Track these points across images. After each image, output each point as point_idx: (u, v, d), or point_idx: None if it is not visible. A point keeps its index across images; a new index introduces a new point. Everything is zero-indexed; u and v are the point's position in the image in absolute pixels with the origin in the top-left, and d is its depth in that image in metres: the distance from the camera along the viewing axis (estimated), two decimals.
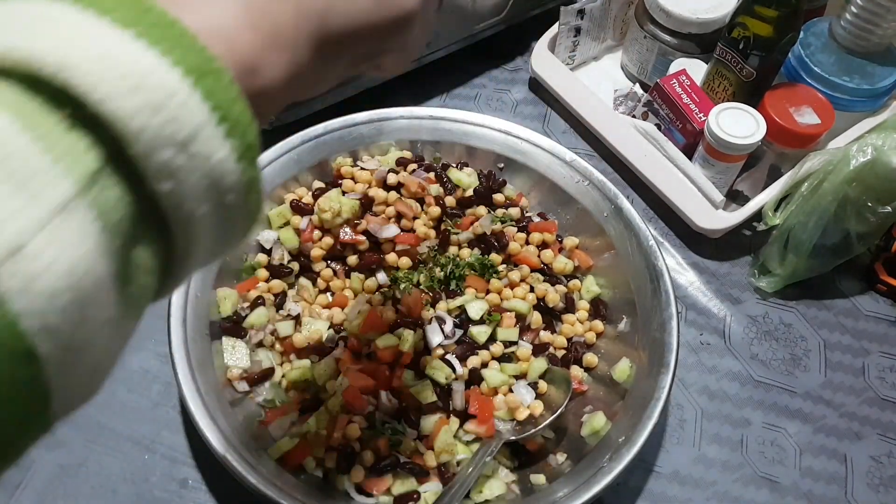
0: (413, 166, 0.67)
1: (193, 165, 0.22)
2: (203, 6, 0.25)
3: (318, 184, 0.66)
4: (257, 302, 0.60)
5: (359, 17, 0.30)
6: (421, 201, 0.65)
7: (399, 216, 0.64)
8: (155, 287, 0.24)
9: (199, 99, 0.22)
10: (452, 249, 0.64)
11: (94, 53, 0.21)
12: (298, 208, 0.63)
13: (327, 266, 0.63)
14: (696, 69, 0.73)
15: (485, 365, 0.58)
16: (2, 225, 0.19)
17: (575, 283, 0.64)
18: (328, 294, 0.63)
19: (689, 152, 0.70)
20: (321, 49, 0.29)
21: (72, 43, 0.21)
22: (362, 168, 0.66)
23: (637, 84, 0.80)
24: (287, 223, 0.64)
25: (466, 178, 0.67)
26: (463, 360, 0.58)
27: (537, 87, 0.81)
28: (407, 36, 0.33)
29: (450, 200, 0.66)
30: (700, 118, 0.68)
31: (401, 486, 0.53)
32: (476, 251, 0.64)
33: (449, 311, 0.60)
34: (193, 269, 0.26)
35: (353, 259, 0.63)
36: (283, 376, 0.58)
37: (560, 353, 0.61)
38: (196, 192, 0.23)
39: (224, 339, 0.59)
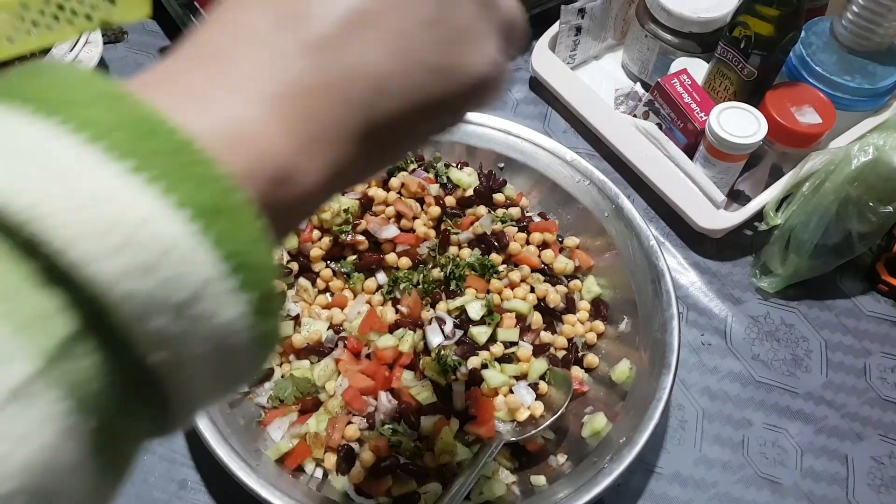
0: (413, 166, 0.67)
1: (194, 330, 0.18)
2: (226, 99, 0.21)
3: None
4: None
5: (415, 97, 0.24)
6: (421, 201, 0.65)
7: (399, 216, 0.64)
8: (144, 443, 0.21)
9: (206, 249, 0.18)
10: (452, 249, 0.64)
11: (75, 198, 0.17)
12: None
13: (327, 266, 0.63)
14: (698, 68, 0.72)
15: (485, 366, 0.58)
16: None
17: (575, 283, 0.64)
18: (328, 294, 0.63)
19: (690, 152, 0.70)
20: (371, 140, 0.23)
21: (49, 181, 0.17)
22: None
23: (638, 83, 0.79)
24: None
25: (466, 178, 0.67)
26: (463, 360, 0.58)
27: (538, 87, 0.81)
28: (483, 102, 0.27)
29: (450, 200, 0.65)
30: (701, 118, 0.68)
31: (400, 488, 0.53)
32: (476, 251, 0.64)
33: (449, 312, 0.59)
34: (192, 416, 0.22)
35: (352, 259, 0.63)
36: (282, 376, 0.58)
37: (560, 354, 0.61)
38: (196, 359, 0.19)
39: None
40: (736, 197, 0.72)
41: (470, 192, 0.66)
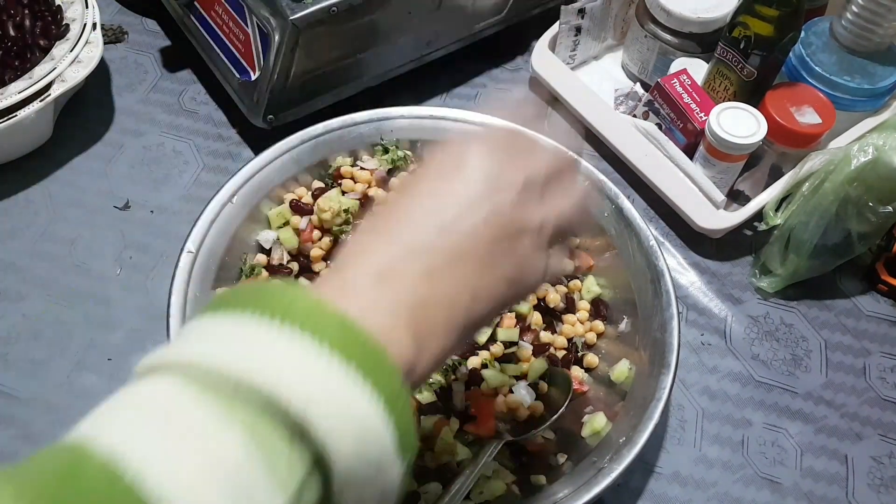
0: (413, 166, 0.67)
1: (373, 482, 0.26)
2: (378, 313, 0.29)
3: (317, 184, 0.66)
4: None
5: (498, 301, 0.35)
6: None
7: None
8: None
9: (390, 427, 0.26)
10: None
11: (330, 400, 0.25)
12: (298, 208, 0.63)
13: (327, 266, 0.63)
14: (697, 68, 0.72)
15: (485, 365, 0.58)
16: None
17: (575, 283, 0.64)
18: None
19: (689, 152, 0.70)
20: (466, 331, 0.33)
21: (309, 380, 0.25)
22: (362, 168, 0.66)
23: (638, 83, 0.80)
24: (286, 223, 0.63)
25: None
26: (463, 360, 0.58)
27: (538, 87, 0.81)
28: (542, 283, 0.38)
29: None
30: (701, 118, 0.68)
31: None
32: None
33: None
34: None
35: None
36: None
37: (560, 354, 0.61)
38: (368, 497, 0.27)
39: None
40: (736, 197, 0.72)
41: None
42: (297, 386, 0.24)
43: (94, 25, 0.71)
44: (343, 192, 0.64)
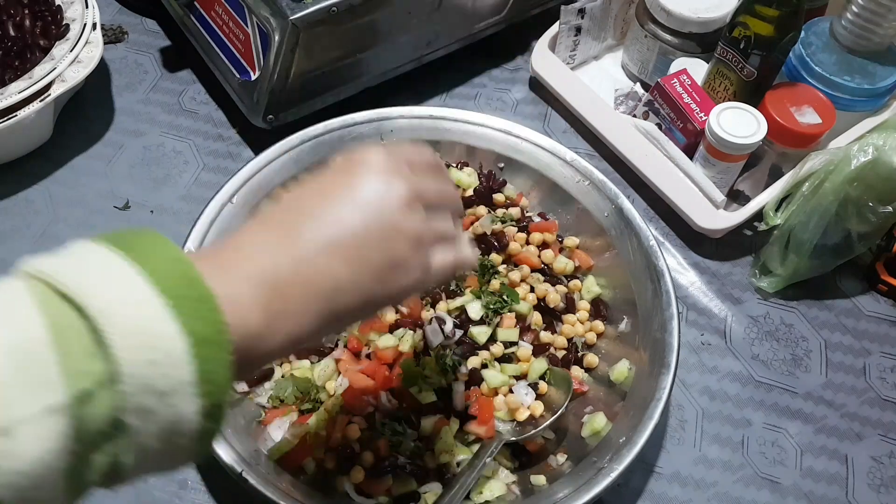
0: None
1: (161, 411, 0.28)
2: (235, 278, 0.32)
3: None
4: None
5: (367, 298, 0.36)
6: None
7: None
8: (99, 483, 0.29)
9: (192, 364, 0.28)
10: None
11: (136, 325, 0.27)
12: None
13: None
14: (697, 68, 0.72)
15: (485, 365, 0.58)
16: (3, 409, 0.24)
17: (575, 283, 0.64)
18: None
19: (689, 152, 0.70)
20: (329, 320, 0.35)
21: (122, 301, 0.28)
22: None
23: (638, 83, 0.80)
24: None
25: (466, 178, 0.67)
26: (463, 360, 0.58)
27: (538, 87, 0.81)
28: (419, 292, 0.40)
29: None
30: (701, 118, 0.68)
31: (401, 487, 0.53)
32: (476, 251, 0.64)
33: (449, 312, 0.59)
34: (137, 477, 0.30)
35: None
36: (282, 376, 0.58)
37: (560, 354, 0.61)
38: (156, 429, 0.28)
39: None
40: (735, 197, 0.72)
41: (470, 192, 0.66)
42: (110, 304, 0.27)
43: (94, 25, 0.71)
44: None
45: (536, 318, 0.61)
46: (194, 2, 0.73)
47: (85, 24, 0.70)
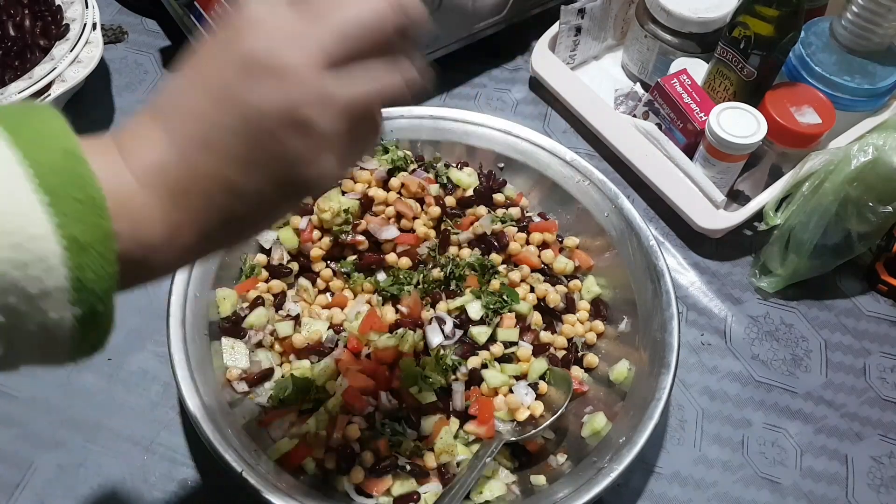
0: (413, 166, 0.67)
1: (32, 315, 0.26)
2: (129, 182, 0.29)
3: None
4: (257, 302, 0.60)
5: (266, 201, 0.32)
6: (421, 201, 0.65)
7: (399, 216, 0.64)
8: None
9: (66, 269, 0.26)
10: (452, 249, 0.64)
11: (3, 216, 0.25)
12: (298, 208, 0.63)
13: (327, 266, 0.63)
14: (697, 69, 0.72)
15: (485, 365, 0.58)
16: None
17: (575, 283, 0.64)
18: (328, 294, 0.63)
19: (689, 152, 0.70)
20: (228, 226, 0.32)
21: None
22: (362, 168, 0.66)
23: (638, 83, 0.80)
24: (286, 223, 0.63)
25: (466, 178, 0.67)
26: (463, 360, 0.58)
27: (538, 87, 0.81)
28: (321, 190, 0.36)
29: (450, 200, 0.65)
30: (701, 118, 0.68)
31: (401, 487, 0.53)
32: (476, 251, 0.64)
33: (449, 312, 0.59)
34: (13, 366, 0.29)
35: (352, 259, 0.63)
36: (282, 376, 0.58)
37: (560, 354, 0.61)
38: (28, 333, 0.27)
39: (223, 339, 0.58)
40: (735, 197, 0.72)
41: (470, 193, 0.66)
42: None
43: (94, 25, 0.71)
44: (343, 192, 0.64)
45: (536, 318, 0.61)
46: (194, 2, 0.73)
47: (85, 24, 0.70)
